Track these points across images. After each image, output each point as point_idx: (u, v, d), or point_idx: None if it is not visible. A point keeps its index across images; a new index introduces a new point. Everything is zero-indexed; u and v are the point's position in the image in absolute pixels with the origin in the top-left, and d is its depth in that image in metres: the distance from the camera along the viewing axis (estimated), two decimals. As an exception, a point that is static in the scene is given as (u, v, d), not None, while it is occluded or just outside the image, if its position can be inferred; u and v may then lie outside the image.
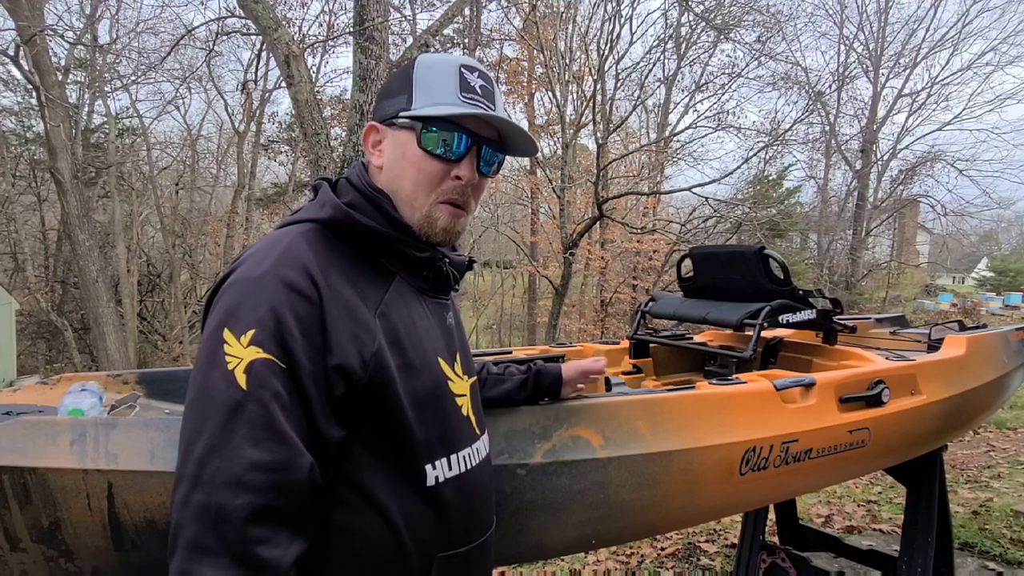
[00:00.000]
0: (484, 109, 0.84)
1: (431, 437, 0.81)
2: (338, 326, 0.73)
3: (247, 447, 0.65)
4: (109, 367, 9.64)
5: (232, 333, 0.69)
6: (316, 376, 0.71)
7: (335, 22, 11.69)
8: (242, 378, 0.67)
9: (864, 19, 17.77)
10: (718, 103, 14.01)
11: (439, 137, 0.83)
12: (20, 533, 0.96)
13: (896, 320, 2.84)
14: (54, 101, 9.21)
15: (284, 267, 0.72)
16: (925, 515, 2.23)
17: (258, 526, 0.64)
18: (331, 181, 0.90)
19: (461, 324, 1.00)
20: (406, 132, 0.84)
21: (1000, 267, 29.15)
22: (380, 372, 0.75)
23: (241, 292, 0.71)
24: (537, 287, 17.89)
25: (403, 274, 0.86)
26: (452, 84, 0.83)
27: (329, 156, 4.60)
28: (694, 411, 1.38)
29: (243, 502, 0.64)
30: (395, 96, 0.86)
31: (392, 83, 0.89)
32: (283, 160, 17.49)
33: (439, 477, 0.82)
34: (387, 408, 0.77)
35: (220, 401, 0.67)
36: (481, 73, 0.86)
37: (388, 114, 0.86)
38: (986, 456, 5.54)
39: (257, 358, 0.68)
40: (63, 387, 1.39)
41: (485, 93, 0.85)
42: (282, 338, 0.69)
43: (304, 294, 0.71)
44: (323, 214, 0.81)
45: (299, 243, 0.77)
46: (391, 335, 0.78)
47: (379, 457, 0.77)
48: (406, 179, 0.85)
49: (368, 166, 0.90)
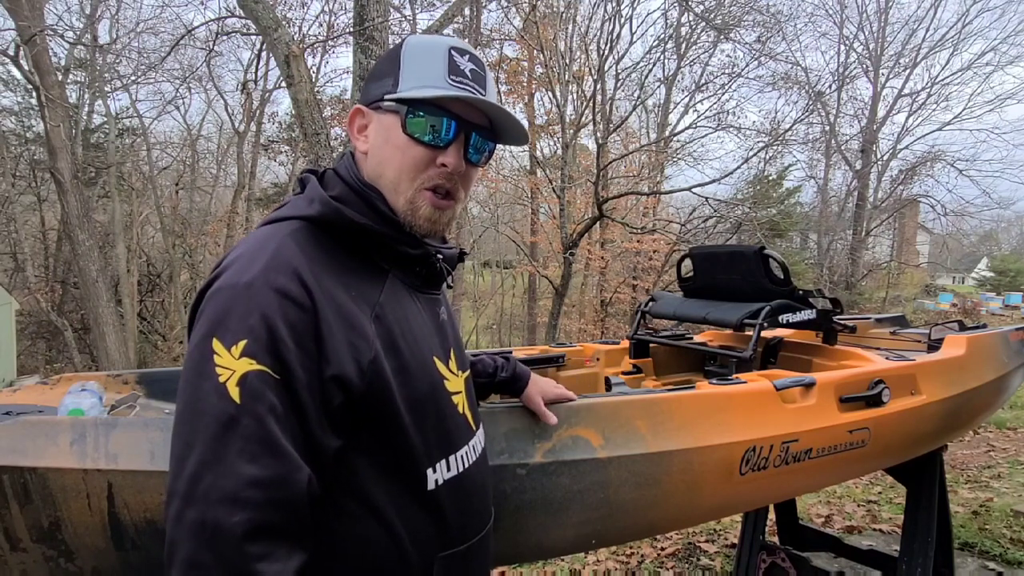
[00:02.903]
0: (473, 93, 0.79)
1: (429, 440, 0.80)
2: (334, 333, 0.70)
3: (243, 463, 0.63)
4: (109, 367, 9.64)
5: (222, 343, 0.65)
6: (311, 386, 0.68)
7: (335, 22, 11.72)
8: (235, 391, 0.64)
9: (864, 19, 17.79)
10: (718, 103, 14.04)
11: (426, 122, 0.79)
12: (20, 533, 0.96)
13: (896, 320, 2.84)
14: (54, 101, 9.22)
15: (274, 272, 0.69)
16: (925, 515, 2.23)
17: (256, 543, 0.63)
18: (318, 173, 0.85)
19: (454, 318, 0.98)
20: (391, 116, 0.80)
21: (1000, 267, 29.15)
22: (378, 380, 0.73)
23: (229, 299, 0.68)
24: (537, 287, 17.89)
25: (396, 271, 0.83)
26: (440, 66, 0.79)
27: (329, 156, 4.60)
28: (694, 411, 1.37)
29: (240, 519, 0.62)
30: (382, 78, 0.82)
31: (380, 65, 0.85)
32: (283, 160, 17.53)
33: (439, 480, 0.81)
34: (385, 415, 0.74)
35: (212, 415, 0.64)
36: (472, 56, 0.82)
37: (374, 97, 0.82)
38: (986, 456, 5.53)
39: (251, 370, 0.65)
40: (63, 387, 1.39)
41: (475, 77, 0.81)
42: (275, 348, 0.66)
43: (296, 301, 0.68)
44: (311, 211, 0.77)
45: (288, 245, 0.72)
46: (387, 338, 0.76)
47: (378, 464, 0.75)
48: (390, 165, 0.81)
49: (355, 155, 0.86)
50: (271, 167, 18.81)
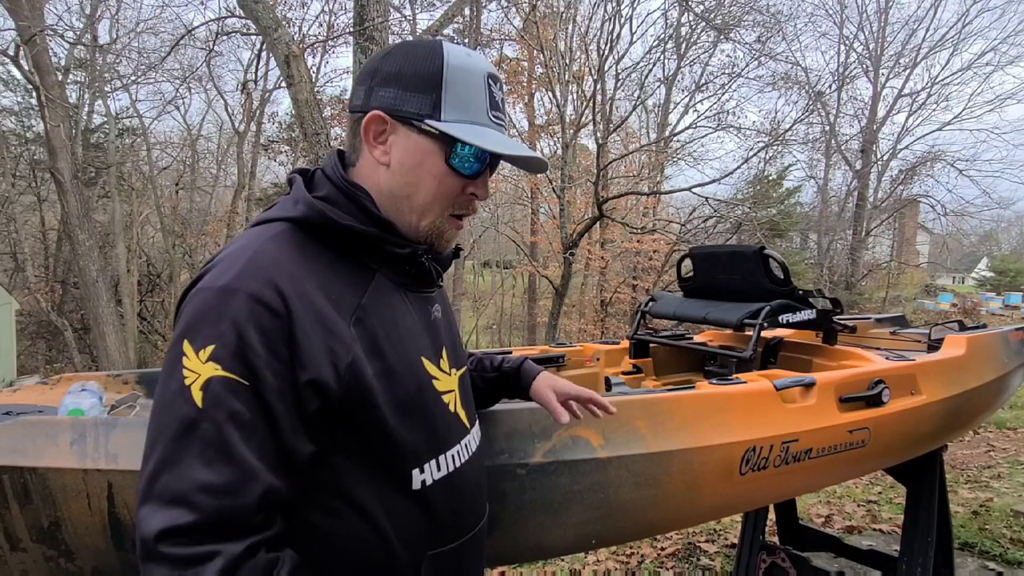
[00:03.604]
0: (505, 130, 0.83)
1: (416, 441, 0.79)
2: (309, 338, 0.69)
3: (199, 466, 0.64)
4: (109, 367, 9.64)
5: (192, 346, 0.66)
6: (283, 392, 0.68)
7: (335, 22, 11.67)
8: (198, 395, 0.65)
9: (864, 19, 17.79)
10: (718, 103, 14.02)
11: (471, 160, 0.81)
12: (20, 533, 0.96)
13: (896, 320, 2.84)
14: (54, 101, 9.22)
15: (249, 277, 0.69)
16: (925, 515, 2.23)
17: (201, 545, 0.63)
18: (306, 173, 0.84)
19: (450, 315, 0.97)
20: (430, 141, 0.79)
21: (1000, 267, 29.14)
22: (356, 383, 0.72)
23: (204, 302, 0.68)
24: (537, 287, 17.89)
25: (384, 271, 0.82)
26: (483, 99, 0.80)
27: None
28: (694, 411, 1.38)
29: (187, 521, 0.63)
30: (415, 92, 0.79)
31: (412, 74, 0.79)
32: (283, 160, 17.50)
33: (426, 480, 0.80)
34: (367, 418, 0.74)
35: (175, 416, 0.65)
36: (501, 84, 0.84)
37: (405, 112, 0.79)
38: (986, 456, 5.54)
39: (215, 376, 0.65)
40: (63, 387, 1.39)
41: (503, 103, 0.84)
42: (243, 355, 0.66)
43: (270, 306, 0.68)
44: (296, 212, 0.77)
45: (268, 249, 0.72)
46: (369, 341, 0.75)
47: (362, 465, 0.76)
48: (423, 190, 0.81)
49: (345, 154, 0.85)
50: (271, 167, 18.82)
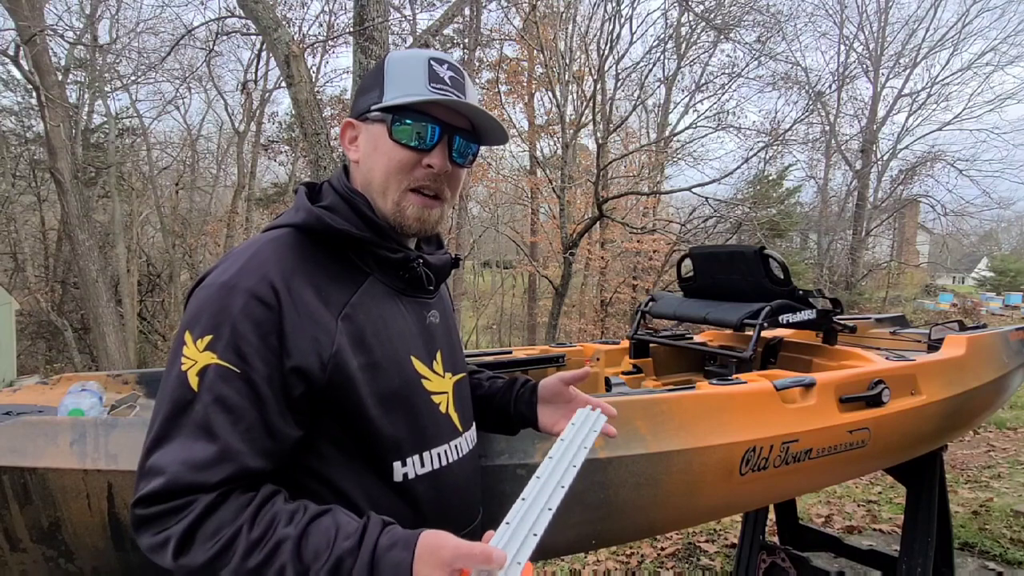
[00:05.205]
0: (453, 97, 0.85)
1: (399, 435, 0.83)
2: (296, 330, 0.76)
3: (188, 443, 0.70)
4: (109, 367, 9.64)
5: (192, 335, 0.74)
6: (272, 379, 0.74)
7: (335, 22, 11.70)
8: (194, 380, 0.72)
9: (864, 19, 17.74)
10: (718, 103, 13.99)
11: (412, 129, 0.84)
12: (20, 533, 0.97)
13: (896, 320, 2.84)
14: (54, 101, 9.21)
15: (247, 274, 0.76)
16: (925, 515, 2.23)
17: (173, 501, 0.69)
18: (313, 185, 0.93)
19: (450, 322, 1.00)
20: (378, 125, 0.86)
21: (1000, 267, 29.12)
22: (339, 373, 0.78)
23: (206, 297, 0.76)
24: (537, 287, 17.89)
25: (378, 274, 0.87)
26: (421, 75, 0.85)
27: (329, 156, 4.60)
28: (694, 411, 1.38)
29: (158, 485, 0.68)
30: (368, 92, 0.88)
31: (366, 80, 0.91)
32: (283, 160, 17.52)
33: (408, 474, 0.84)
34: (349, 407, 0.79)
35: (172, 399, 0.72)
36: (451, 65, 0.88)
37: (362, 109, 0.88)
38: (986, 456, 5.54)
39: (210, 363, 0.72)
40: (63, 387, 1.39)
41: (455, 83, 0.86)
42: (236, 344, 0.73)
43: (264, 300, 0.75)
44: (297, 219, 0.85)
45: (266, 251, 0.80)
46: (355, 336, 0.81)
47: (345, 453, 0.81)
48: (378, 169, 0.87)
49: (348, 167, 0.93)
50: (271, 167, 18.84)
